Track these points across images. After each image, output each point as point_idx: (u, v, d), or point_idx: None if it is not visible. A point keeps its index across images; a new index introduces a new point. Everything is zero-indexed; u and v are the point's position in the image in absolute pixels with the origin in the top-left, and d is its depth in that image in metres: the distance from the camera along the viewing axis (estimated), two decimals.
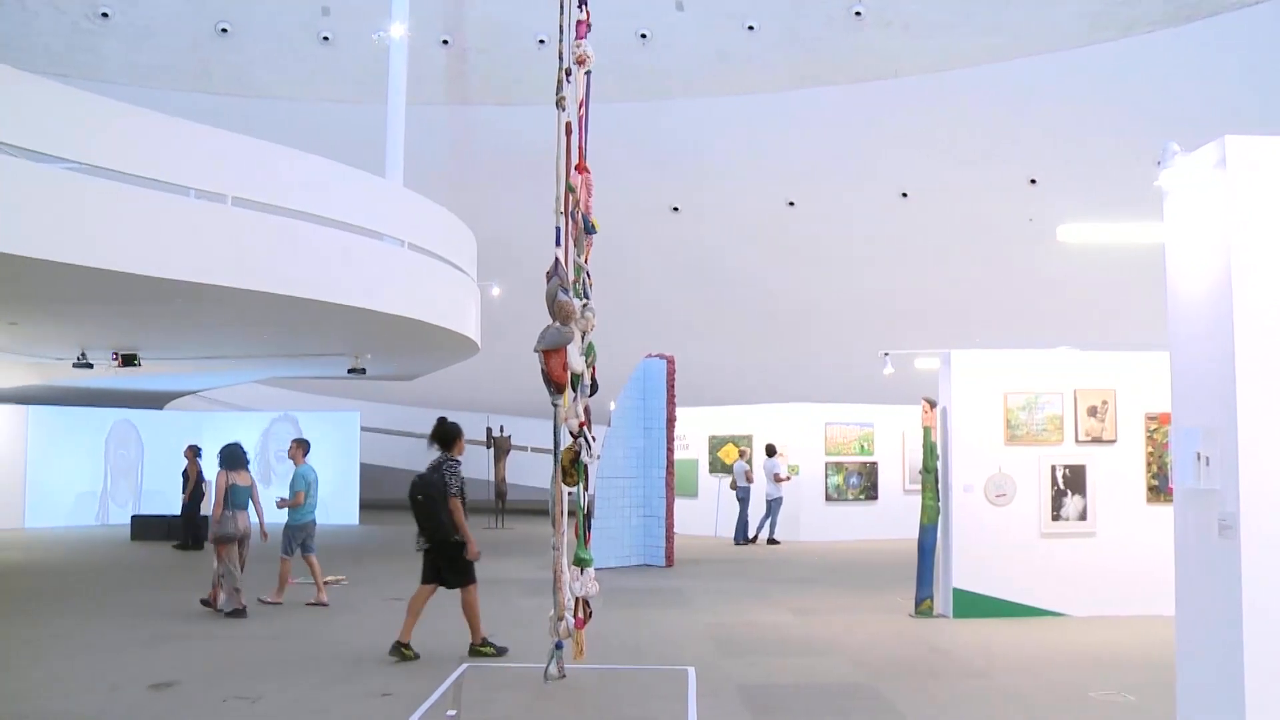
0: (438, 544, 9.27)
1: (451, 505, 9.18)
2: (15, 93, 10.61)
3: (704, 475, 22.14)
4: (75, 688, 7.86)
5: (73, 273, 10.82)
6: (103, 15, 22.27)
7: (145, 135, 11.78)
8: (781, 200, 24.06)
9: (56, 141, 10.67)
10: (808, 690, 7.85)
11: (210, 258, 11.80)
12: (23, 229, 10.04)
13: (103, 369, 19.60)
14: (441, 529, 9.22)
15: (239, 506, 11.61)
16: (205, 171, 12.07)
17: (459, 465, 9.44)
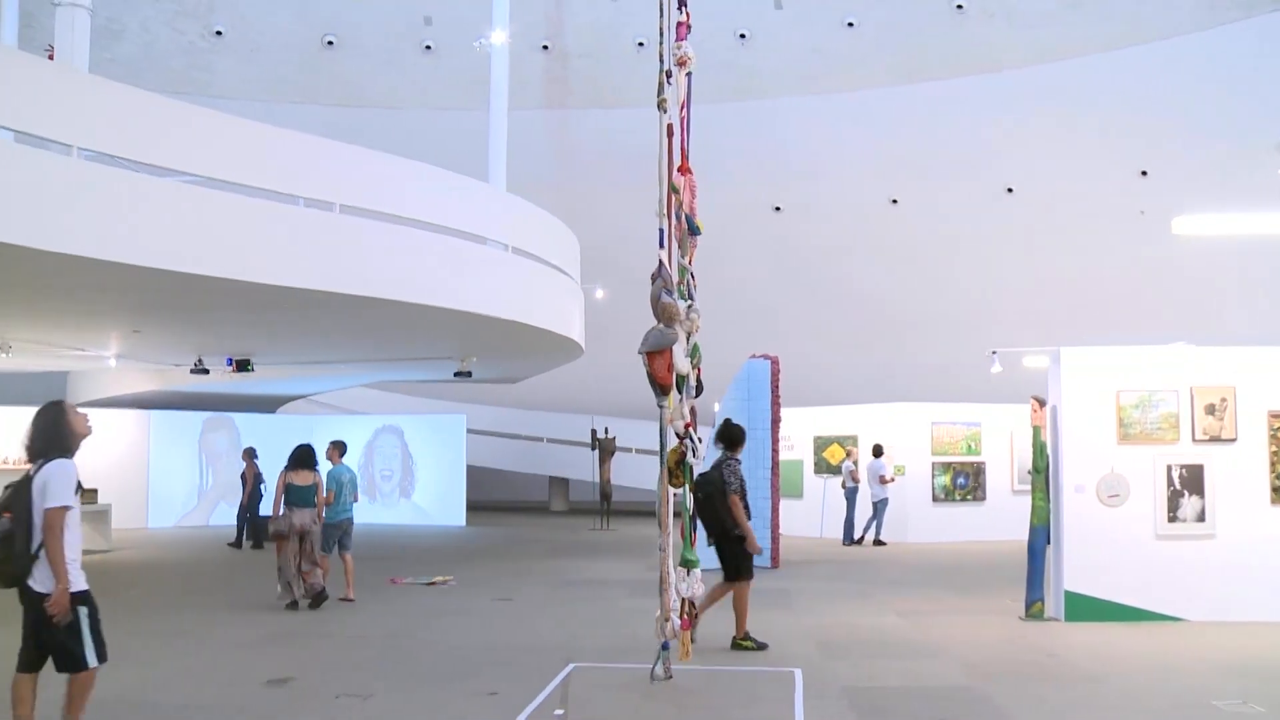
0: (718, 538, 9.60)
1: (730, 501, 9.46)
2: (138, 112, 11.00)
3: (809, 476, 21.99)
4: (195, 682, 8.11)
5: (192, 281, 11.17)
6: (216, 33, 22.93)
7: (258, 147, 12.11)
8: (884, 198, 23.80)
9: (176, 156, 11.03)
10: (915, 693, 7.76)
11: (320, 265, 12.08)
12: (144, 241, 10.40)
13: (219, 374, 20.18)
14: (721, 524, 9.52)
15: (295, 504, 12.04)
16: (314, 180, 12.36)
17: (739, 464, 9.76)
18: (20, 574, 5.69)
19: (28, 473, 5.86)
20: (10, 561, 5.67)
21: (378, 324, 14.82)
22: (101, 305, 13.36)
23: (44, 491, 5.70)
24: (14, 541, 5.67)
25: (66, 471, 5.80)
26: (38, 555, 5.69)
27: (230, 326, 15.30)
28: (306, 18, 23.30)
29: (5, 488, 5.83)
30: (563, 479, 30.30)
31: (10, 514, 5.70)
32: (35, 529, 5.69)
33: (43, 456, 5.85)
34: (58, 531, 5.66)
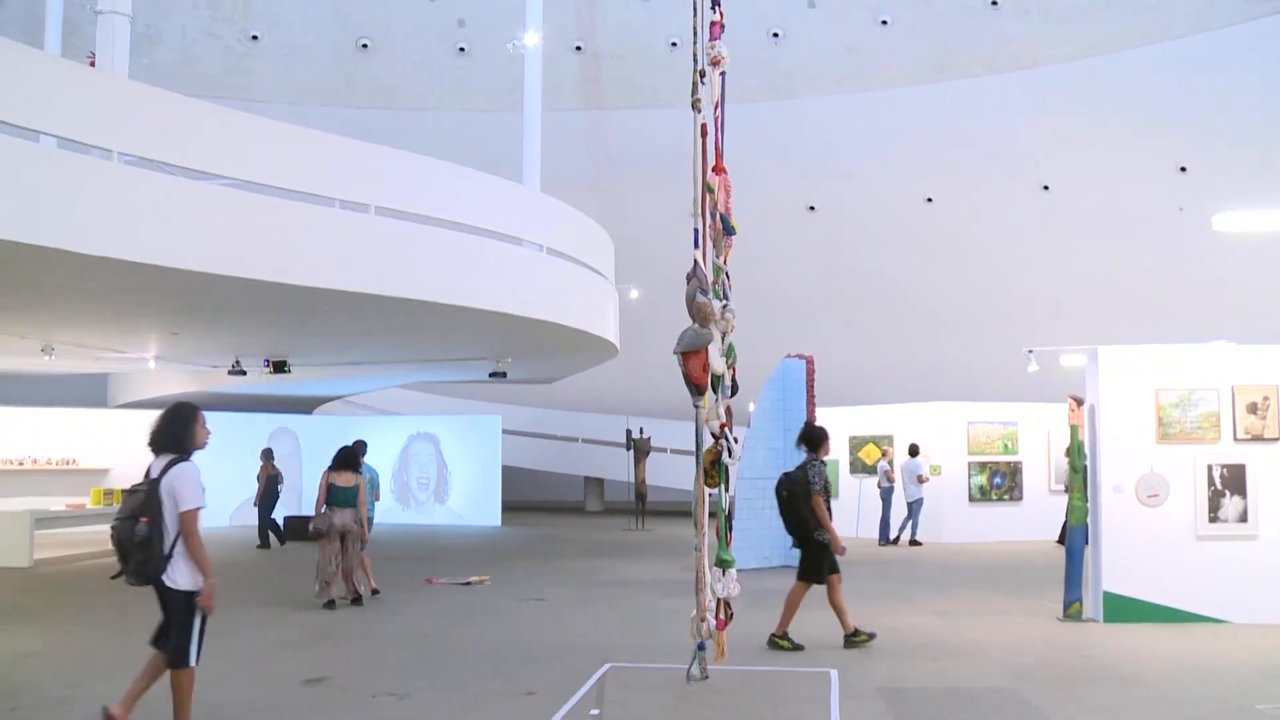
0: (801, 539, 9.73)
1: (814, 502, 9.54)
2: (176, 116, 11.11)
3: (844, 476, 21.91)
4: (234, 680, 8.18)
5: (229, 284, 11.27)
6: (253, 38, 23.13)
7: (294, 150, 12.21)
8: (919, 196, 23.69)
9: (214, 159, 11.14)
10: (952, 694, 7.72)
11: (355, 266, 12.16)
12: (183, 244, 10.51)
13: (256, 375, 20.33)
14: (804, 525, 9.63)
15: (336, 504, 12.21)
16: (349, 182, 12.45)
17: (824, 465, 9.82)
18: (156, 573, 6.13)
19: (149, 475, 6.28)
20: (150, 562, 6.10)
21: (413, 325, 14.89)
22: (141, 308, 13.51)
23: (174, 495, 6.15)
24: (152, 543, 6.10)
25: (193, 475, 6.24)
26: (170, 555, 6.13)
27: (267, 328, 15.43)
28: (341, 21, 23.47)
29: (129, 492, 6.28)
30: (598, 479, 30.34)
31: (146, 518, 6.12)
32: (167, 530, 6.13)
33: (166, 451, 6.29)
34: (196, 532, 6.16)
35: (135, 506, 6.19)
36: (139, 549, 6.11)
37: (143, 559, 6.11)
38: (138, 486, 6.28)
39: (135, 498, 6.22)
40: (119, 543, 6.19)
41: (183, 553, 6.17)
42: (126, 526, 6.17)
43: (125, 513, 6.22)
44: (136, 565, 6.14)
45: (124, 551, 6.18)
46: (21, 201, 9.27)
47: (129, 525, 6.16)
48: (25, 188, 9.32)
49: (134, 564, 6.15)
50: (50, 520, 16.97)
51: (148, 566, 6.12)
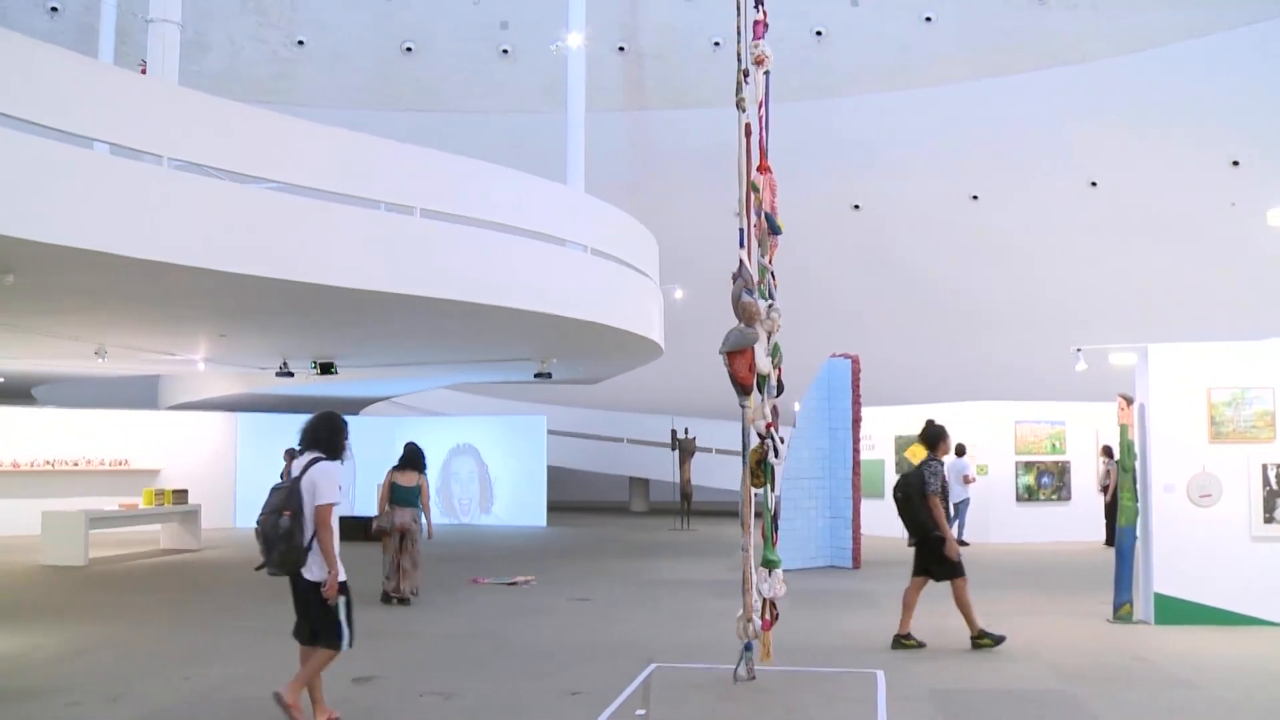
0: (920, 539, 9.72)
1: (930, 503, 9.50)
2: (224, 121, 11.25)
3: (890, 476, 21.78)
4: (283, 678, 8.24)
5: (276, 286, 11.39)
6: (299, 43, 23.34)
7: (340, 153, 12.32)
8: (965, 194, 23.53)
9: (261, 163, 11.26)
10: (1002, 696, 7.66)
11: (401, 268, 12.26)
12: (231, 247, 10.63)
13: (303, 377, 20.52)
14: (922, 525, 9.61)
15: (398, 503, 12.40)
16: (395, 184, 12.56)
17: (941, 465, 9.80)
18: (297, 564, 6.53)
19: (291, 473, 6.76)
20: (291, 553, 6.50)
21: (459, 326, 14.98)
22: (190, 310, 13.68)
23: (314, 491, 6.56)
24: (293, 536, 6.49)
25: (333, 473, 6.68)
26: (310, 547, 6.54)
27: (314, 330, 15.57)
28: (385, 25, 23.63)
29: (274, 489, 6.68)
30: (643, 479, 30.35)
31: (289, 512, 6.50)
32: (307, 524, 6.53)
33: (313, 450, 6.74)
34: (329, 525, 6.56)
35: (279, 502, 6.56)
36: (282, 541, 6.49)
37: (285, 550, 6.50)
38: (280, 484, 6.73)
39: (279, 494, 6.61)
40: (263, 535, 6.54)
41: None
42: (271, 520, 6.52)
43: (269, 508, 6.57)
44: (279, 556, 6.53)
45: (268, 544, 6.53)
46: (75, 207, 9.42)
47: (273, 519, 6.51)
48: (79, 193, 9.48)
49: (276, 555, 6.53)
50: (104, 520, 17.23)
51: (289, 558, 6.52)
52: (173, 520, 18.86)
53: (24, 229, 8.98)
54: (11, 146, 9.09)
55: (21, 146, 9.17)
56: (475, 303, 13.02)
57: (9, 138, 9.10)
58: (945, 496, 9.68)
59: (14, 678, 8.31)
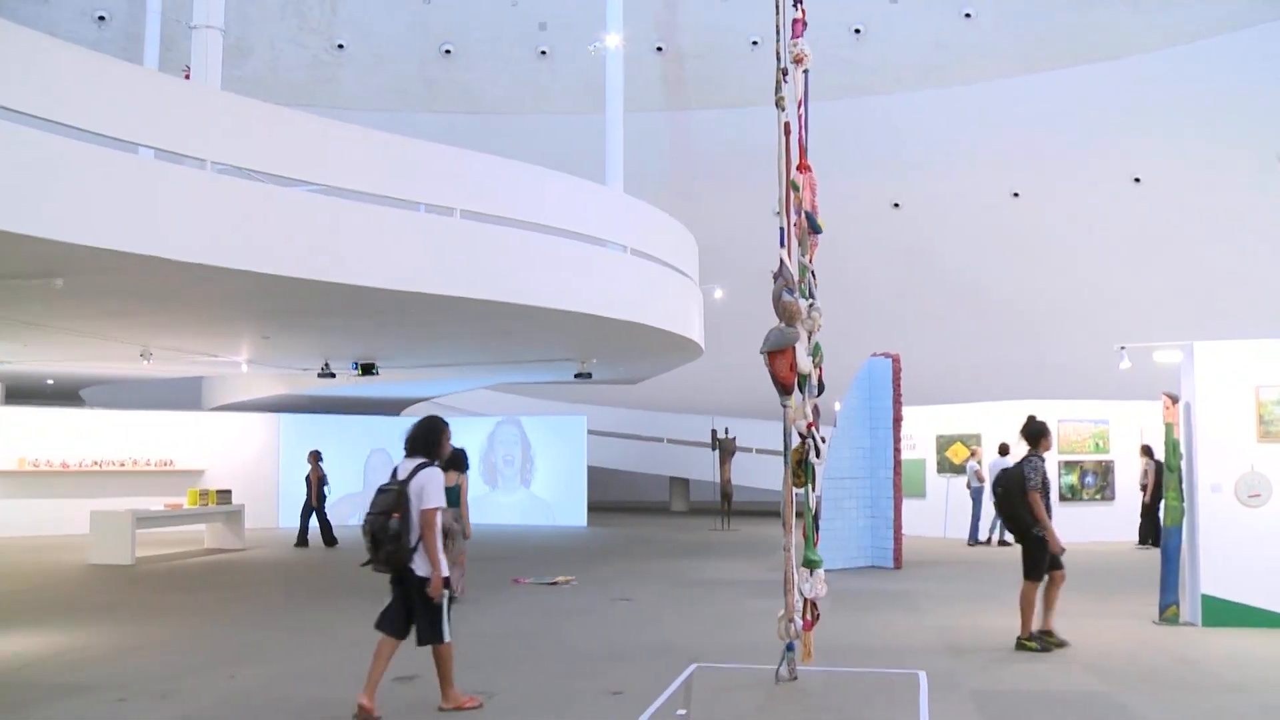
0: (1019, 536, 9.71)
1: (1030, 499, 9.49)
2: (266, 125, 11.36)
3: (931, 475, 21.68)
4: (325, 678, 8.33)
5: (318, 288, 11.49)
6: (339, 46, 23.52)
7: (379, 155, 12.41)
8: (1005, 191, 23.36)
9: (302, 166, 11.36)
10: (1045, 698, 7.60)
11: (441, 269, 12.32)
12: (273, 249, 10.73)
13: (344, 378, 20.67)
14: (1021, 521, 9.59)
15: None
16: (434, 186, 12.63)
17: (1042, 461, 9.79)
18: (404, 562, 6.94)
19: (397, 477, 7.09)
20: (398, 552, 6.90)
21: (498, 327, 15.03)
22: (233, 313, 13.83)
23: (421, 495, 6.96)
24: (401, 536, 6.88)
25: (437, 479, 7.06)
26: (417, 547, 6.94)
27: (355, 331, 15.68)
28: (424, 28, 23.76)
29: (381, 491, 7.04)
30: (683, 479, 30.35)
31: (398, 513, 6.90)
32: (414, 525, 6.93)
33: (417, 455, 7.13)
34: (434, 528, 6.94)
35: (387, 504, 6.95)
36: (390, 540, 6.89)
37: (392, 549, 6.90)
38: (387, 486, 7.04)
39: (387, 496, 6.97)
40: (372, 535, 6.94)
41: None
42: (379, 521, 6.91)
43: (378, 509, 6.95)
44: (386, 554, 6.93)
45: (376, 542, 6.93)
46: (121, 211, 9.55)
47: (382, 520, 6.91)
48: (125, 198, 9.60)
49: (384, 553, 6.93)
50: (150, 520, 17.45)
51: (396, 556, 6.92)
52: (217, 520, 19.07)
53: (71, 233, 9.12)
54: (58, 152, 9.23)
55: (68, 152, 9.31)
56: (515, 303, 13.07)
57: (56, 144, 9.24)
58: (1046, 492, 9.61)
59: (65, 673, 8.44)
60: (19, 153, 8.92)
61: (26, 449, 21.52)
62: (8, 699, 7.59)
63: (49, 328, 14.81)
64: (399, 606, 7.14)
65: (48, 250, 9.39)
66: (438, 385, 25.64)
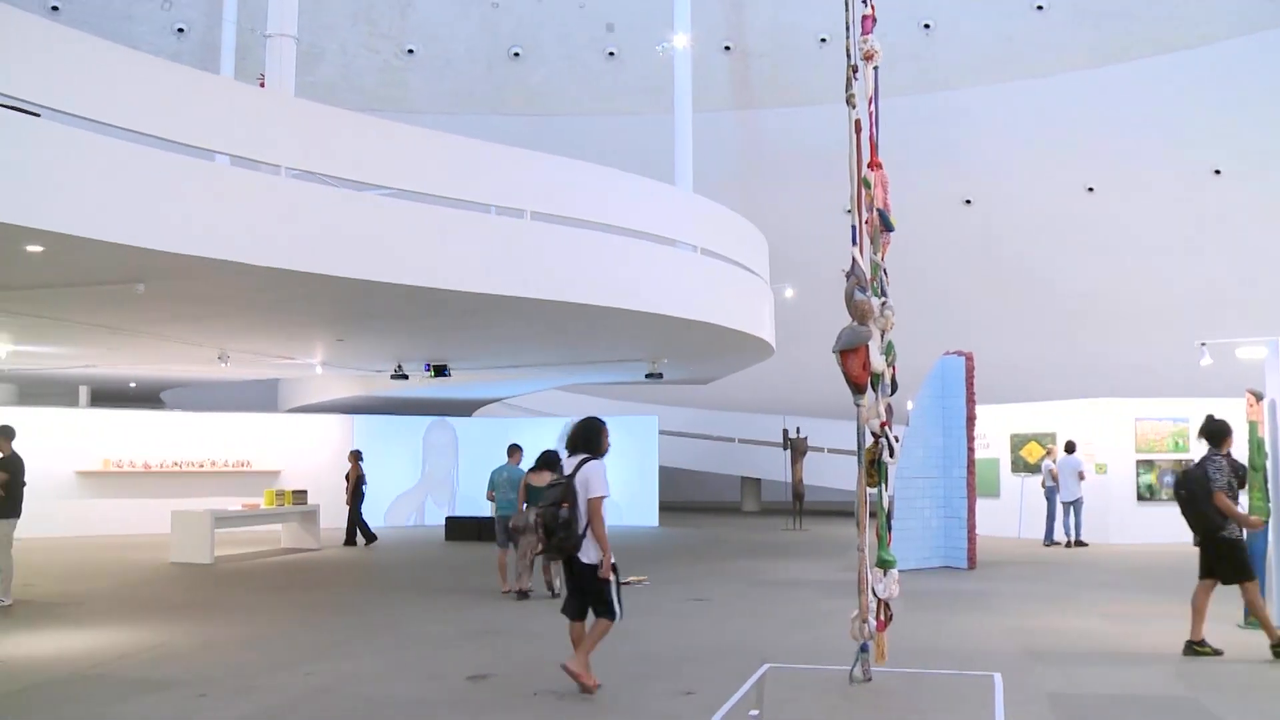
0: (1205, 538, 9.53)
1: (1216, 499, 9.34)
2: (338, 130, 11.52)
3: (1006, 474, 21.40)
4: (399, 676, 8.42)
5: (391, 290, 11.62)
6: (408, 51, 23.76)
7: (450, 158, 12.53)
8: (1080, 186, 23.00)
9: (374, 170, 11.51)
10: (1124, 701, 7.46)
11: (512, 271, 12.41)
12: (346, 252, 10.87)
13: (417, 380, 20.88)
14: (1206, 522, 9.44)
15: (532, 503, 12.66)
16: (505, 188, 12.71)
17: (1225, 460, 9.61)
18: (574, 548, 7.53)
19: (564, 472, 7.73)
20: (568, 540, 7.51)
21: (569, 328, 15.09)
22: (308, 315, 14.02)
23: (586, 486, 7.58)
24: (571, 525, 7.49)
25: (601, 471, 7.69)
26: (584, 534, 7.52)
27: (427, 333, 15.83)
28: (492, 32, 23.93)
29: (550, 486, 7.80)
30: (754, 479, 30.25)
31: (566, 504, 7.52)
32: (581, 515, 7.53)
33: (578, 452, 7.79)
34: (601, 516, 7.55)
35: (557, 496, 7.59)
36: (561, 529, 7.51)
37: (563, 537, 7.51)
38: (556, 480, 7.76)
39: (556, 489, 7.65)
40: (544, 525, 7.60)
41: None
42: (551, 512, 7.56)
43: (549, 501, 7.62)
44: (558, 542, 7.56)
45: (549, 531, 7.58)
46: (200, 217, 9.74)
47: (553, 511, 7.55)
48: (203, 204, 9.79)
49: (555, 541, 7.57)
50: (228, 520, 17.75)
51: (566, 543, 7.53)
52: (292, 520, 19.35)
53: (153, 240, 9.32)
54: (140, 161, 9.43)
55: (149, 161, 9.52)
56: (586, 304, 13.12)
57: (138, 153, 9.45)
58: (1234, 491, 9.36)
59: (148, 669, 8.62)
60: (102, 161, 9.13)
61: (110, 450, 22.01)
62: (94, 694, 7.77)
63: (131, 332, 15.14)
64: (574, 590, 7.75)
65: (130, 256, 9.61)
66: (509, 386, 25.78)
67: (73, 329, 14.72)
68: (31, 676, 8.35)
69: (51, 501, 19.76)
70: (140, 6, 22.96)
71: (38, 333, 15.51)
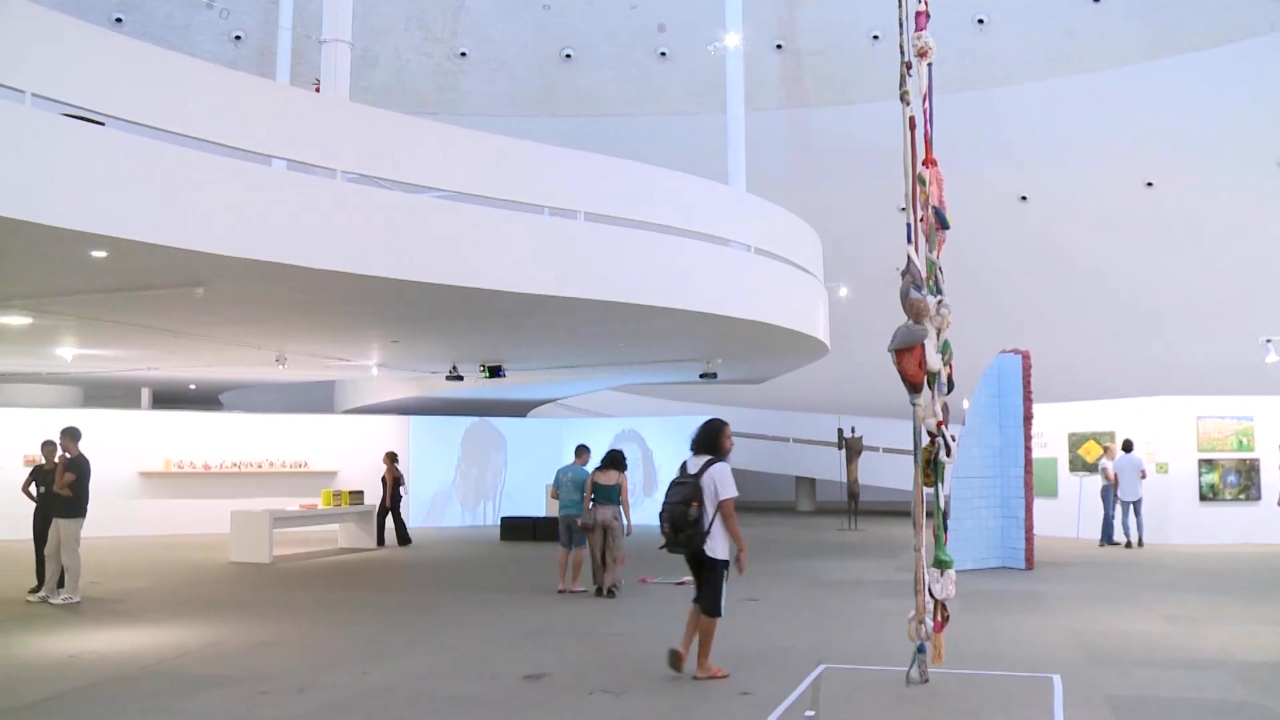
0: None
1: None
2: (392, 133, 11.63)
3: (1064, 474, 21.15)
4: (456, 675, 8.48)
5: (445, 292, 11.71)
6: (461, 54, 23.91)
7: (503, 160, 12.60)
8: (1138, 181, 22.68)
9: (428, 173, 11.61)
10: (1188, 705, 7.32)
11: (565, 272, 12.46)
12: (401, 254, 10.98)
13: (472, 380, 21.00)
14: None
15: (599, 501, 13.03)
16: (558, 189, 12.77)
17: None
18: (700, 544, 7.99)
19: (688, 472, 8.16)
20: (695, 537, 7.95)
21: (624, 328, 15.12)
22: (365, 317, 14.16)
23: (715, 487, 8.00)
24: (699, 523, 7.94)
25: (727, 472, 8.10)
26: (709, 531, 7.96)
27: (482, 334, 15.92)
28: (544, 34, 24.03)
29: (674, 485, 8.15)
30: (809, 479, 30.13)
31: (695, 503, 7.94)
32: (707, 513, 7.97)
33: (702, 453, 8.21)
34: (733, 514, 8.04)
35: (684, 495, 8.00)
36: (690, 526, 7.94)
37: (690, 534, 7.95)
38: (681, 480, 8.13)
39: (683, 489, 8.03)
40: (672, 522, 8.01)
41: (718, 529, 7.99)
42: (679, 510, 7.98)
43: (676, 499, 8.02)
44: (685, 539, 8.00)
45: (676, 528, 8.00)
46: (258, 222, 9.87)
47: (682, 509, 7.98)
48: (261, 209, 9.93)
49: (683, 538, 8.01)
50: (286, 520, 17.96)
51: (694, 540, 7.97)
52: (349, 520, 19.54)
53: (212, 244, 9.47)
54: (199, 167, 9.58)
55: (208, 166, 9.67)
56: (639, 304, 13.15)
57: (196, 159, 9.60)
58: None
59: (208, 666, 8.74)
60: (162, 168, 9.29)
61: (172, 451, 22.34)
62: (159, 689, 7.90)
63: (191, 335, 15.37)
64: (699, 581, 8.22)
65: (189, 260, 9.76)
66: (564, 387, 25.87)
67: (135, 332, 14.99)
68: (100, 671, 8.52)
69: (115, 502, 20.09)
70: (199, 16, 23.32)
71: (102, 336, 15.81)
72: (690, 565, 8.25)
